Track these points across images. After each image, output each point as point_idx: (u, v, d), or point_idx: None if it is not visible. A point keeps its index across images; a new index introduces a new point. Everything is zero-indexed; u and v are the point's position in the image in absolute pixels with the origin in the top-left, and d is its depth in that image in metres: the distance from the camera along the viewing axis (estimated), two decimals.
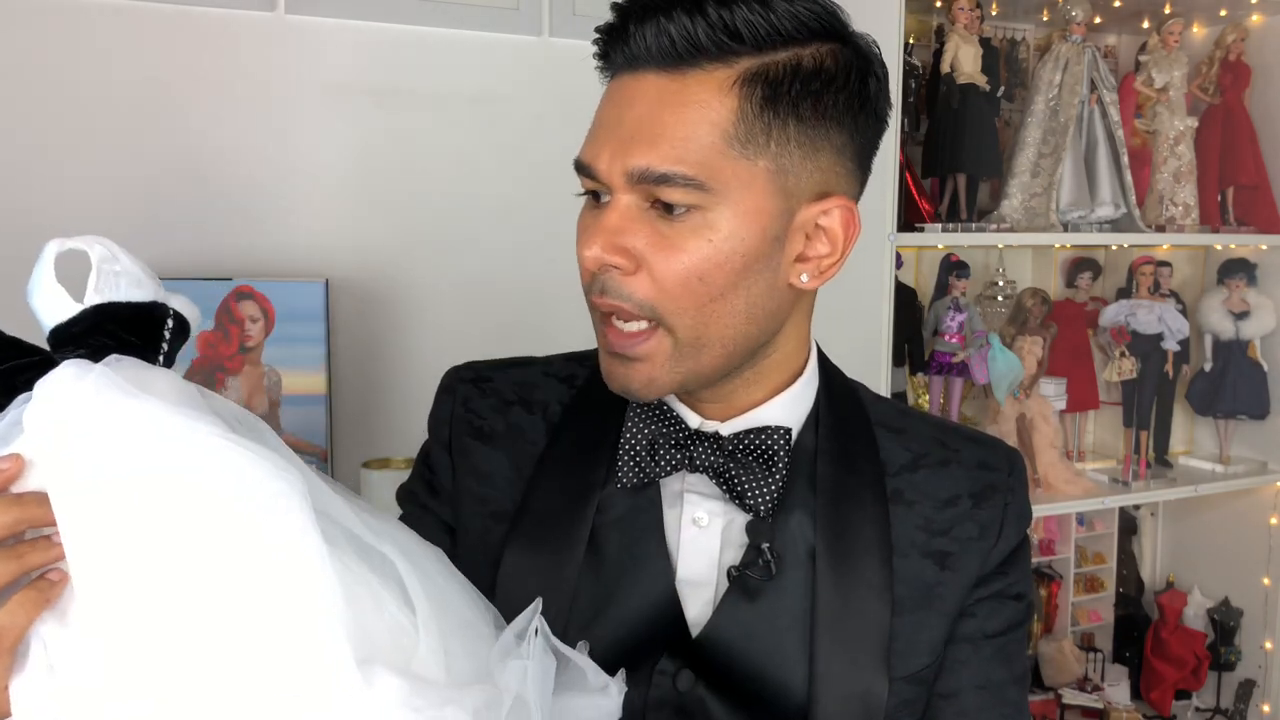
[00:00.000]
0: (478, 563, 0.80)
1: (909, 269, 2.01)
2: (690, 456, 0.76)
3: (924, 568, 0.78)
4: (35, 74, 1.46)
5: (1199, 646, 2.14)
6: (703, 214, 0.69)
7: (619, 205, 0.71)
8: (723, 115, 0.68)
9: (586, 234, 0.72)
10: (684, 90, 0.69)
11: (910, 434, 0.83)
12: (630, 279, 0.71)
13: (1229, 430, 2.09)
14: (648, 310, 0.71)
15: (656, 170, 0.68)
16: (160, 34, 1.50)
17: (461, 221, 1.67)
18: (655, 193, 0.69)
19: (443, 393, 0.89)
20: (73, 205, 1.50)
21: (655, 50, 0.69)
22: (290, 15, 1.56)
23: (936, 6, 1.85)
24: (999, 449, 0.84)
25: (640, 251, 0.70)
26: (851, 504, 0.78)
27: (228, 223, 1.56)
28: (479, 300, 1.70)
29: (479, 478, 0.84)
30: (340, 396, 1.62)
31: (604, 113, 0.73)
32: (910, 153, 1.87)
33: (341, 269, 1.61)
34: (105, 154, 1.50)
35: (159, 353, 0.64)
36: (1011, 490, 0.82)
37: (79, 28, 1.47)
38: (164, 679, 0.54)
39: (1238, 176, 2.04)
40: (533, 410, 0.86)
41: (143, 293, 0.64)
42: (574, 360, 0.89)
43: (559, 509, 0.80)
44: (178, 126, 1.53)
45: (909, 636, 0.76)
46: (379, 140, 1.63)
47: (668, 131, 0.69)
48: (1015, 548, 0.81)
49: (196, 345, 1.44)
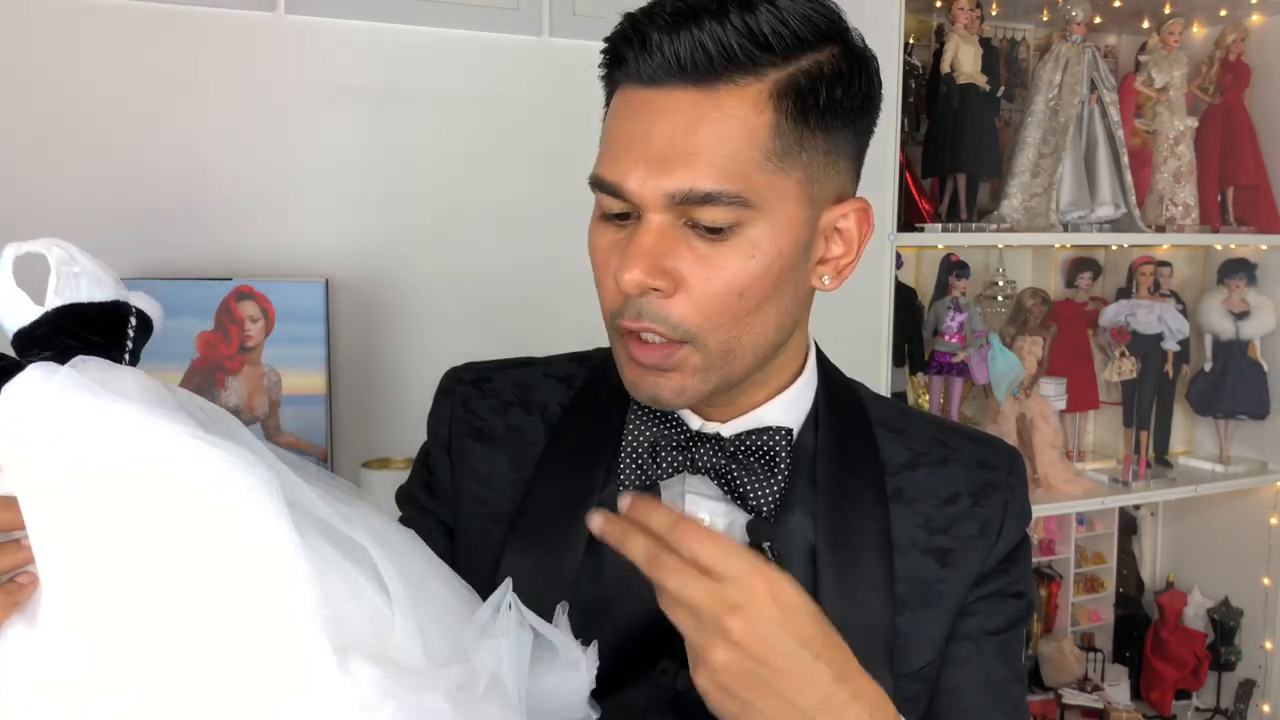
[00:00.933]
0: (477, 564, 0.80)
1: (909, 269, 2.01)
2: (692, 458, 0.76)
3: (925, 565, 0.78)
4: (35, 74, 1.46)
5: (1199, 646, 2.14)
6: (744, 231, 0.68)
7: (653, 225, 0.68)
8: (759, 130, 0.68)
9: (624, 256, 0.69)
10: (718, 105, 0.67)
11: (910, 433, 0.83)
12: (668, 301, 0.69)
13: (1229, 430, 2.09)
14: (682, 332, 0.70)
15: (701, 190, 0.67)
16: (160, 34, 1.50)
17: (461, 221, 1.67)
18: (695, 213, 0.68)
19: (442, 394, 0.89)
20: (73, 205, 1.50)
21: (687, 63, 0.66)
22: (290, 15, 1.56)
23: (936, 6, 1.85)
24: (999, 448, 0.84)
25: (680, 272, 0.69)
26: (852, 503, 0.78)
27: (228, 223, 1.56)
28: (479, 300, 1.70)
29: (478, 479, 0.84)
30: (340, 396, 1.62)
31: (626, 128, 0.70)
32: (910, 153, 1.87)
33: (341, 269, 1.61)
34: (105, 154, 1.50)
35: (124, 350, 0.64)
36: (1011, 489, 0.82)
37: (79, 27, 1.46)
38: (143, 674, 0.54)
39: (1238, 176, 2.04)
40: (532, 411, 0.85)
41: (103, 292, 0.64)
42: (575, 361, 0.89)
43: (558, 510, 0.79)
44: (178, 126, 1.53)
45: (911, 634, 0.76)
46: (379, 140, 1.63)
47: (706, 149, 0.67)
48: (1015, 546, 0.81)
49: (196, 345, 1.44)
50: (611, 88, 0.73)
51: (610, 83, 0.73)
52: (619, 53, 0.70)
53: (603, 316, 0.74)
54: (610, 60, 0.72)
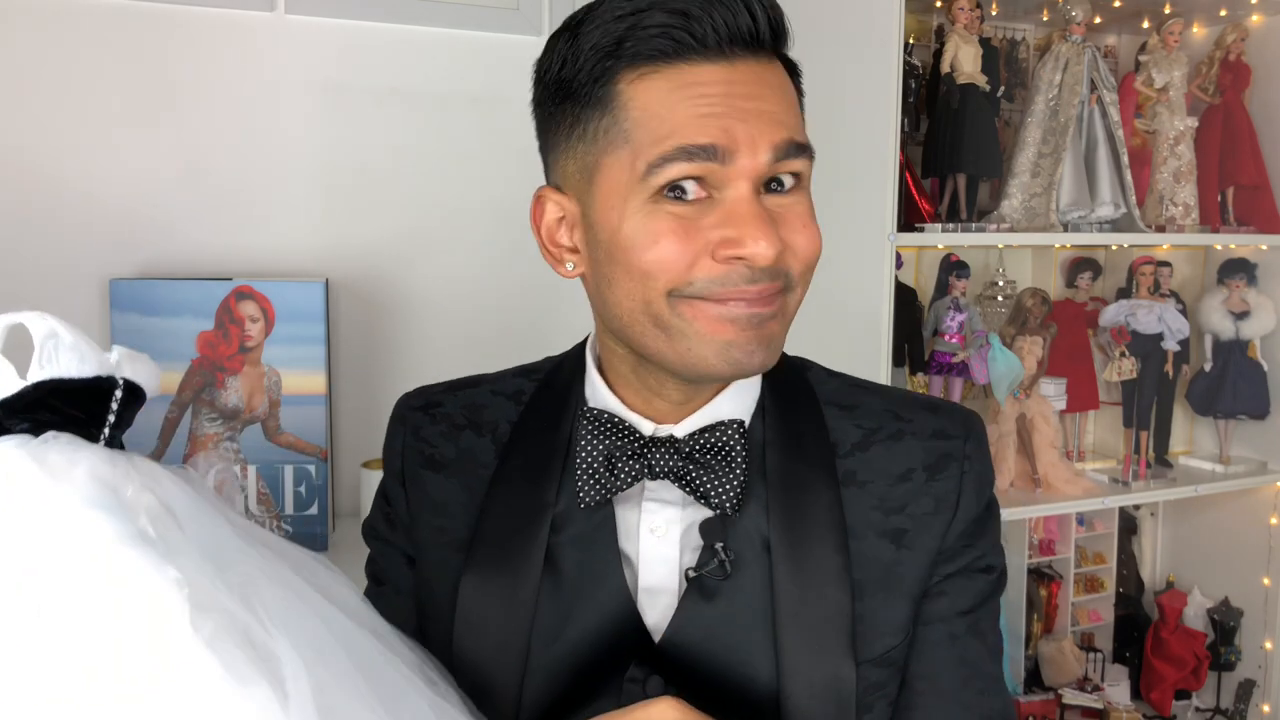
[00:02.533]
0: (439, 594, 0.80)
1: (909, 269, 2.01)
2: (649, 464, 0.76)
3: (880, 548, 0.77)
4: (35, 74, 1.46)
5: (1199, 646, 2.14)
6: (804, 182, 0.74)
7: (749, 194, 0.70)
8: (795, 98, 0.74)
9: (749, 226, 0.69)
10: (776, 72, 0.73)
11: (862, 409, 0.82)
12: (784, 259, 0.72)
13: (1229, 430, 2.09)
14: (788, 281, 0.73)
15: (798, 140, 0.72)
16: (160, 34, 1.50)
17: (461, 221, 1.67)
18: (785, 165, 0.71)
19: (394, 423, 0.89)
20: (73, 205, 1.50)
21: (748, 33, 0.70)
22: (290, 15, 1.56)
23: (936, 6, 1.85)
24: (956, 414, 0.82)
25: (784, 234, 0.72)
26: (803, 491, 0.77)
27: (228, 223, 1.57)
28: (479, 300, 1.70)
29: (434, 509, 0.83)
30: (340, 396, 1.62)
31: (708, 97, 0.69)
32: (910, 153, 1.87)
33: (341, 269, 1.61)
34: (105, 153, 1.50)
35: (104, 425, 0.65)
36: (969, 457, 0.80)
37: (79, 28, 1.47)
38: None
39: (1238, 176, 2.04)
40: (482, 432, 0.84)
41: (86, 367, 0.64)
42: (522, 375, 0.88)
43: (512, 531, 0.79)
44: (178, 126, 1.53)
45: (872, 619, 0.76)
46: (378, 140, 1.63)
47: (785, 107, 0.72)
48: (977, 517, 0.80)
49: (196, 345, 1.44)
50: (617, 80, 0.71)
51: (612, 75, 0.71)
52: (664, 31, 0.69)
53: (657, 302, 0.71)
54: (631, 45, 0.70)
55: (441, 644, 0.79)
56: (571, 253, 0.77)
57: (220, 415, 1.46)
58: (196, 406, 1.45)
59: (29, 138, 1.46)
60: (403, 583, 0.86)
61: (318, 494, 1.49)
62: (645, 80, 0.70)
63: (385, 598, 0.86)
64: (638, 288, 0.71)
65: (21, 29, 1.44)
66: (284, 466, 1.48)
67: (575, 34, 0.72)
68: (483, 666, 0.77)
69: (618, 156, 0.71)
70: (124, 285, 1.43)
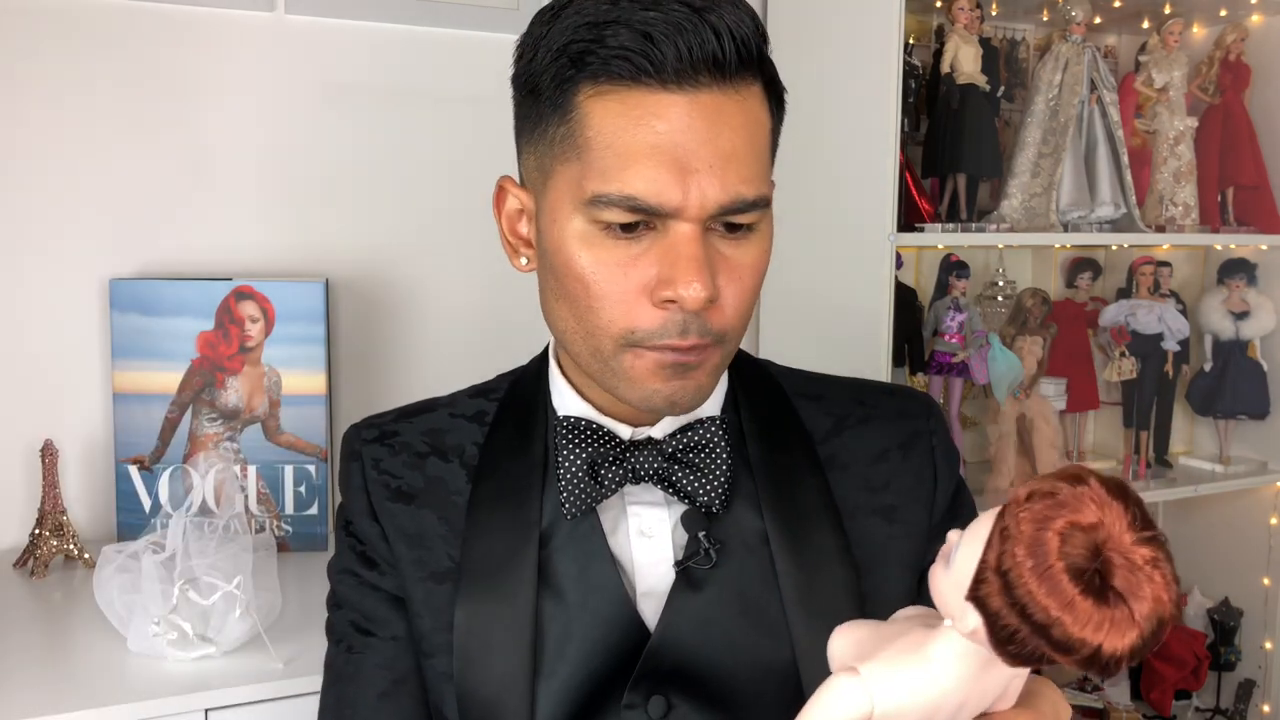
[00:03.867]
0: (431, 628, 0.77)
1: (909, 269, 2.01)
2: (632, 468, 0.75)
3: (873, 526, 0.78)
4: (35, 74, 1.46)
5: (1199, 646, 2.14)
6: (760, 226, 0.70)
7: (692, 234, 0.67)
8: (765, 127, 0.70)
9: (682, 270, 0.66)
10: (742, 104, 0.67)
11: (828, 398, 0.83)
12: (712, 310, 0.69)
13: (1229, 430, 2.09)
14: (714, 335, 0.69)
15: (749, 197, 0.67)
16: (160, 34, 1.50)
17: (461, 221, 1.67)
18: (733, 217, 0.68)
19: (347, 460, 0.84)
20: (73, 205, 1.50)
21: (709, 59, 0.65)
22: (290, 15, 1.56)
23: (936, 6, 1.85)
24: (914, 396, 0.86)
25: (718, 279, 0.68)
26: (790, 479, 0.78)
27: (228, 223, 1.57)
28: (478, 300, 1.70)
29: (409, 541, 0.80)
30: (340, 396, 1.62)
31: (651, 137, 0.66)
32: (910, 153, 1.87)
33: (341, 269, 1.61)
34: (105, 154, 1.50)
35: None
36: (934, 433, 0.83)
37: (79, 28, 1.47)
38: None
39: (1238, 177, 2.04)
40: (449, 458, 0.81)
41: None
42: (479, 395, 0.86)
43: (500, 554, 0.77)
44: (178, 126, 1.53)
45: (876, 595, 0.76)
46: (379, 140, 1.63)
47: (744, 152, 0.67)
48: (956, 489, 0.83)
49: (196, 345, 1.44)
50: (576, 91, 0.69)
51: (572, 85, 0.69)
52: (624, 54, 0.66)
53: (600, 337, 0.70)
54: (592, 63, 0.67)
55: (439, 681, 0.77)
56: (528, 247, 0.77)
57: (220, 415, 1.46)
58: (196, 406, 1.45)
59: (29, 138, 1.46)
60: (396, 626, 0.80)
61: (318, 494, 1.49)
62: (603, 99, 0.67)
63: (376, 649, 0.80)
64: (583, 316, 0.70)
65: (21, 29, 1.44)
66: (284, 466, 1.48)
67: (550, 25, 0.71)
68: (490, 699, 0.74)
69: (569, 169, 0.69)
70: (124, 285, 1.43)
